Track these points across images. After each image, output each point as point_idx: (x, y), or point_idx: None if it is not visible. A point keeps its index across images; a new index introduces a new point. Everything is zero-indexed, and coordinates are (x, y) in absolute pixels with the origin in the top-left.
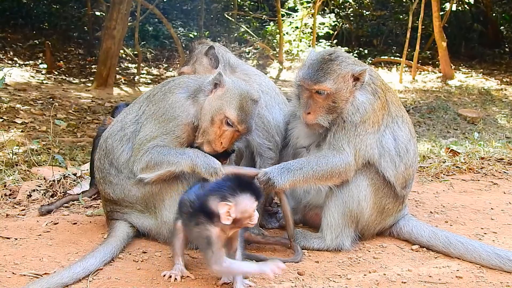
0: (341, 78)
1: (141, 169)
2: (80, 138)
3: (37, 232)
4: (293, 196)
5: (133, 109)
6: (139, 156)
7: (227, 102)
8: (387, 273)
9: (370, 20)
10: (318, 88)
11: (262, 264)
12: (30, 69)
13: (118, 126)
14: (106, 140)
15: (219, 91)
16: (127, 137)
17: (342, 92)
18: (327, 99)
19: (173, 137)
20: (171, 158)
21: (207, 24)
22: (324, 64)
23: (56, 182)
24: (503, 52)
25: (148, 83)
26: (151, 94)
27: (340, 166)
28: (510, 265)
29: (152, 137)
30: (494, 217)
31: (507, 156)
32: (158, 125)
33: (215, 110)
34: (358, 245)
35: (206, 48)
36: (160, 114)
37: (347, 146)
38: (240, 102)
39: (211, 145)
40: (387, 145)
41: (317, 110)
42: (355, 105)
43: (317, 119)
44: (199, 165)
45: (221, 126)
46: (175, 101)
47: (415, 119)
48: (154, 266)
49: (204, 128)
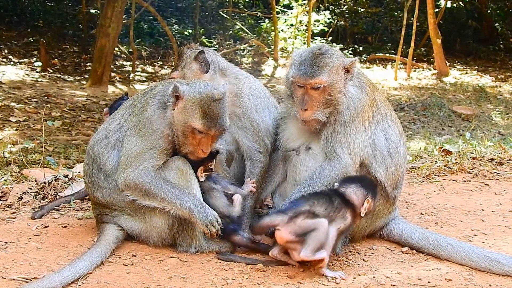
0: (334, 70)
1: (127, 187)
2: (74, 136)
3: (27, 235)
4: (283, 198)
5: (116, 116)
6: (127, 171)
7: (189, 113)
8: (377, 276)
9: (365, 17)
10: (314, 82)
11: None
12: (24, 67)
13: (103, 134)
14: (93, 147)
15: (180, 104)
16: (111, 145)
17: (337, 84)
18: (323, 93)
19: (159, 150)
20: (167, 196)
21: (202, 21)
22: (316, 59)
23: (47, 185)
24: (498, 48)
25: (143, 80)
26: (133, 103)
27: (336, 174)
28: (499, 267)
29: (138, 152)
30: (484, 218)
31: (499, 156)
32: (141, 139)
33: (182, 124)
34: (348, 247)
35: (196, 53)
36: (140, 127)
37: (340, 148)
38: (201, 109)
39: (194, 154)
40: (379, 144)
41: (314, 106)
42: (348, 97)
43: (315, 114)
44: (196, 215)
45: (195, 136)
46: (151, 115)
47: (410, 116)
48: (144, 269)
49: (180, 142)
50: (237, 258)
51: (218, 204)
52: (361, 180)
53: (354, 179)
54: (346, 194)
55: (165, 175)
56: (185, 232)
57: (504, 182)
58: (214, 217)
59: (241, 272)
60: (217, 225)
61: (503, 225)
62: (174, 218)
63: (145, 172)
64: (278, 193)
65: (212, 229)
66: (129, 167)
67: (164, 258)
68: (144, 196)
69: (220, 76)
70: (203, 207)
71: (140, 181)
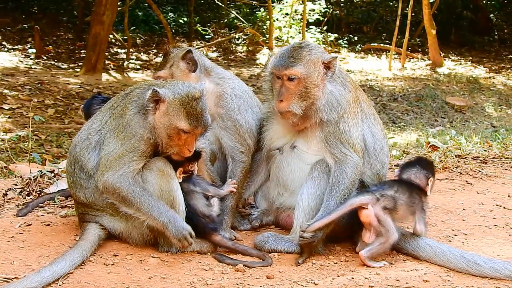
0: (311, 63)
1: (106, 190)
2: (67, 124)
3: (9, 233)
4: (266, 198)
5: (98, 118)
6: (106, 175)
7: (173, 116)
8: (355, 277)
9: (360, 7)
10: (288, 73)
11: None
12: (18, 53)
13: (85, 134)
14: (75, 147)
15: (162, 107)
16: (92, 146)
17: (312, 77)
18: (299, 85)
19: (139, 153)
20: (143, 207)
21: (197, 9)
22: (294, 51)
23: (33, 181)
24: (493, 39)
25: (137, 68)
26: (113, 106)
27: (355, 173)
28: (477, 269)
29: (118, 155)
30: (465, 218)
31: (483, 154)
32: (121, 142)
33: (167, 127)
34: (329, 248)
35: (183, 52)
36: (120, 131)
37: (344, 148)
38: (185, 110)
39: (179, 154)
40: (368, 140)
41: (289, 97)
42: (331, 94)
43: (290, 106)
44: (169, 229)
45: (180, 137)
46: (130, 120)
47: (403, 107)
48: (125, 269)
49: (165, 144)
50: (233, 260)
51: (198, 204)
52: (419, 163)
53: (413, 163)
54: (412, 180)
55: (146, 177)
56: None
57: (487, 181)
58: (187, 231)
59: (221, 272)
60: (190, 239)
61: (484, 225)
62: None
63: (123, 178)
64: (261, 193)
65: (185, 243)
66: (108, 170)
67: (145, 258)
68: (121, 202)
69: (205, 76)
70: (177, 221)
71: (118, 186)
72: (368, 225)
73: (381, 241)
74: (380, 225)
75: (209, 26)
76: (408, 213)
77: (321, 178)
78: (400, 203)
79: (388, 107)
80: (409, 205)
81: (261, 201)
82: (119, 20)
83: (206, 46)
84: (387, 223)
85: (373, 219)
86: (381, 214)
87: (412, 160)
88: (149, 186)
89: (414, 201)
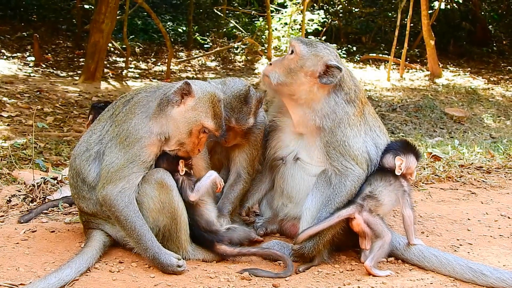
0: (315, 55)
1: (105, 204)
2: (66, 132)
3: (14, 240)
4: (270, 207)
5: (97, 127)
6: (107, 188)
7: (202, 112)
8: (361, 286)
9: (359, 17)
10: (293, 43)
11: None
12: (17, 61)
13: (84, 146)
14: (75, 160)
15: (189, 101)
16: (92, 157)
17: (306, 65)
18: (292, 61)
19: (139, 163)
20: (136, 234)
21: (196, 18)
22: (317, 39)
23: (36, 187)
24: (491, 51)
25: (136, 77)
26: (114, 113)
27: (355, 187)
28: (483, 279)
29: (118, 166)
30: (470, 228)
31: (487, 164)
32: (123, 150)
33: (192, 122)
34: (335, 257)
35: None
36: (123, 137)
37: (345, 160)
38: (213, 109)
39: (187, 152)
40: (371, 152)
41: (279, 65)
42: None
43: (272, 72)
44: (156, 264)
45: (199, 135)
46: (137, 123)
47: (402, 118)
48: (130, 276)
49: (179, 140)
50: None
51: (201, 219)
52: (387, 147)
53: (384, 150)
54: (384, 165)
55: (145, 190)
56: (170, 241)
57: (491, 191)
58: (174, 265)
59: (227, 280)
60: (179, 269)
61: (489, 235)
62: (159, 228)
63: (121, 196)
64: (266, 201)
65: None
66: (109, 183)
67: (150, 265)
68: (115, 220)
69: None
70: (161, 257)
71: (115, 203)
72: (362, 232)
73: (379, 244)
74: (372, 229)
75: (208, 35)
76: (392, 199)
77: (326, 188)
78: (378, 193)
79: (386, 117)
80: (388, 189)
81: (266, 210)
82: (118, 28)
83: (204, 55)
84: (378, 226)
85: (364, 226)
86: (369, 218)
87: (384, 148)
88: (149, 200)
89: (389, 182)
